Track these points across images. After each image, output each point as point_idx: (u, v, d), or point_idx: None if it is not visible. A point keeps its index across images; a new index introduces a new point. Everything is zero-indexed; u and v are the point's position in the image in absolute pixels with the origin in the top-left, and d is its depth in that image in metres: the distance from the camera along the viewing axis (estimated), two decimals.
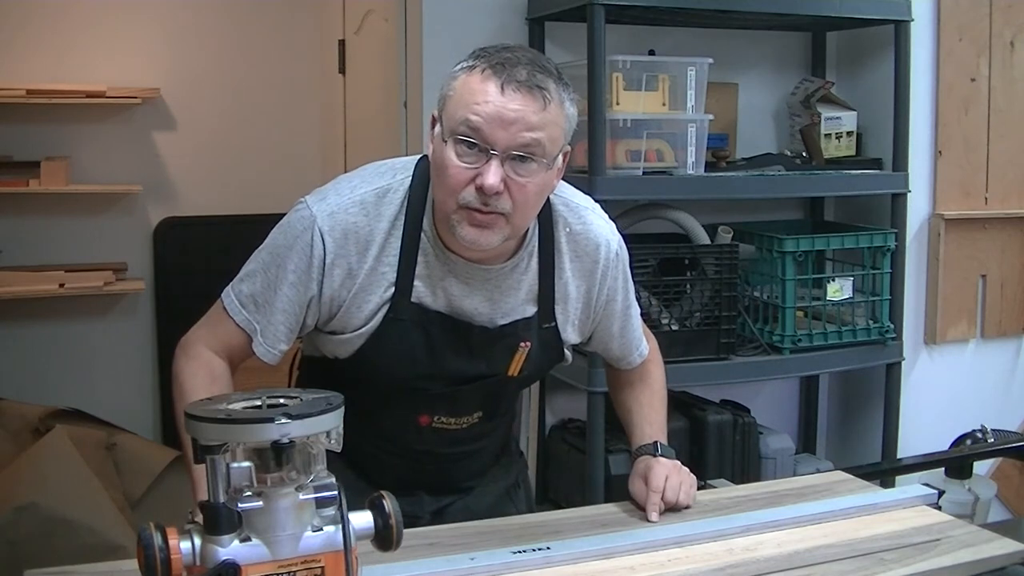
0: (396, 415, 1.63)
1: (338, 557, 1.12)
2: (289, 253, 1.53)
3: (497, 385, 1.64)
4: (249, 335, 1.56)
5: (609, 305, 1.69)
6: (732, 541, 1.50)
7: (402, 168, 1.57)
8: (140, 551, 1.06)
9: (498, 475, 1.81)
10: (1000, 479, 3.16)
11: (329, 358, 1.63)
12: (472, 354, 1.59)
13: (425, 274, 1.54)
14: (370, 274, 1.53)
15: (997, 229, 3.22)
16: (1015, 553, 1.46)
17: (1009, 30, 3.16)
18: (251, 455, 1.10)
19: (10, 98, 3.74)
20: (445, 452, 1.68)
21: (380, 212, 1.53)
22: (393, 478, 1.62)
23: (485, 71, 1.42)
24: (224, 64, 4.22)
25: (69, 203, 4.03)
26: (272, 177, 4.31)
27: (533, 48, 2.75)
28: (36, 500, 2.88)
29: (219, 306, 1.59)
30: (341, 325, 1.56)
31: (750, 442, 2.76)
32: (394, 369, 1.57)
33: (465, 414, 1.65)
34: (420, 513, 1.70)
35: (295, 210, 1.57)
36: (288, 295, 1.53)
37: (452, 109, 1.45)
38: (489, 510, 1.73)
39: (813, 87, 3.03)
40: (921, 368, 3.19)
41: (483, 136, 1.41)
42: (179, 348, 1.62)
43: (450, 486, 1.74)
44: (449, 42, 2.74)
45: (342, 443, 1.17)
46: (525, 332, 1.61)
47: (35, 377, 3.91)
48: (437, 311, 1.56)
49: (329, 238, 1.51)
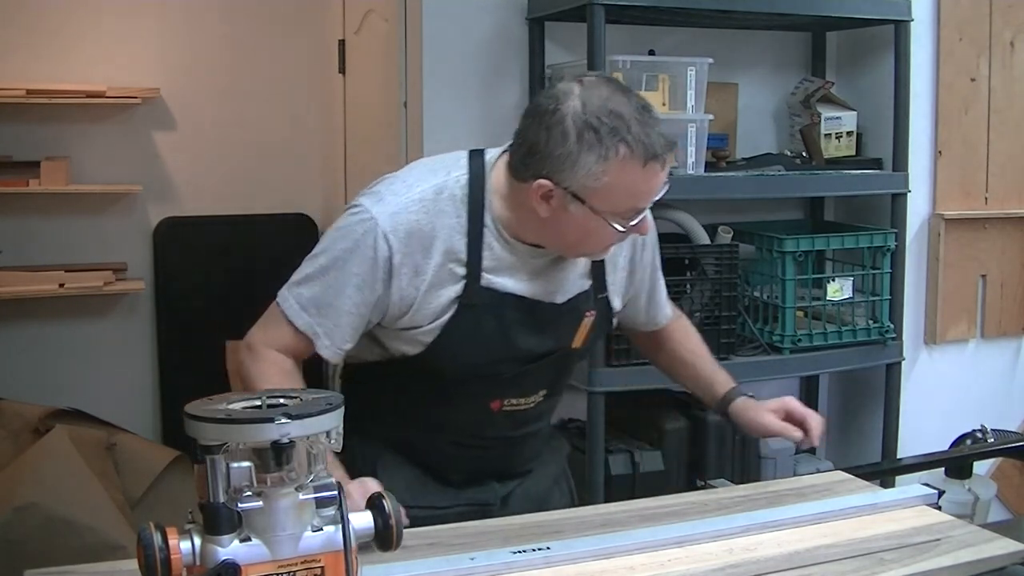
0: (468, 404, 1.67)
1: (338, 557, 1.12)
2: (351, 256, 1.55)
3: (562, 359, 1.70)
4: (310, 338, 1.58)
5: (645, 269, 1.78)
6: (732, 541, 1.50)
7: (454, 165, 1.61)
8: (140, 551, 1.07)
9: (550, 458, 1.88)
10: (1000, 479, 3.16)
11: (382, 363, 1.66)
12: (541, 331, 1.64)
13: (492, 264, 1.59)
14: (438, 270, 1.56)
15: (997, 229, 3.22)
16: (1015, 553, 1.46)
17: (1009, 30, 3.16)
18: (251, 455, 1.10)
19: (10, 98, 3.74)
20: (512, 435, 1.73)
21: (440, 208, 1.56)
22: (463, 470, 1.72)
23: (635, 157, 1.45)
24: (224, 64, 4.22)
25: (69, 203, 4.03)
26: (272, 177, 4.31)
27: (533, 48, 2.77)
28: (36, 500, 2.88)
29: (275, 310, 1.61)
30: (413, 321, 1.59)
31: (750, 442, 2.76)
32: (469, 356, 1.60)
33: (532, 393, 1.70)
34: (492, 500, 1.75)
35: (352, 213, 1.59)
36: (353, 297, 1.56)
37: (613, 199, 1.48)
38: (546, 493, 1.82)
39: (813, 87, 3.03)
40: (921, 368, 3.19)
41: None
42: (243, 351, 1.63)
43: (513, 470, 1.79)
44: (449, 42, 2.74)
45: (341, 443, 1.17)
46: (586, 304, 1.67)
47: (35, 377, 3.91)
48: (507, 293, 1.60)
49: (393, 238, 1.54)
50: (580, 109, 1.45)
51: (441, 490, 1.72)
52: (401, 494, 1.63)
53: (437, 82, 2.75)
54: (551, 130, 1.46)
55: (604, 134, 1.43)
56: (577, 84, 1.48)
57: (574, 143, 1.44)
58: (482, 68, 2.77)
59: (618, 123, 1.44)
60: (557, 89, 1.49)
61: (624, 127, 1.44)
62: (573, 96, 1.46)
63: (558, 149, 1.45)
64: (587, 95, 1.46)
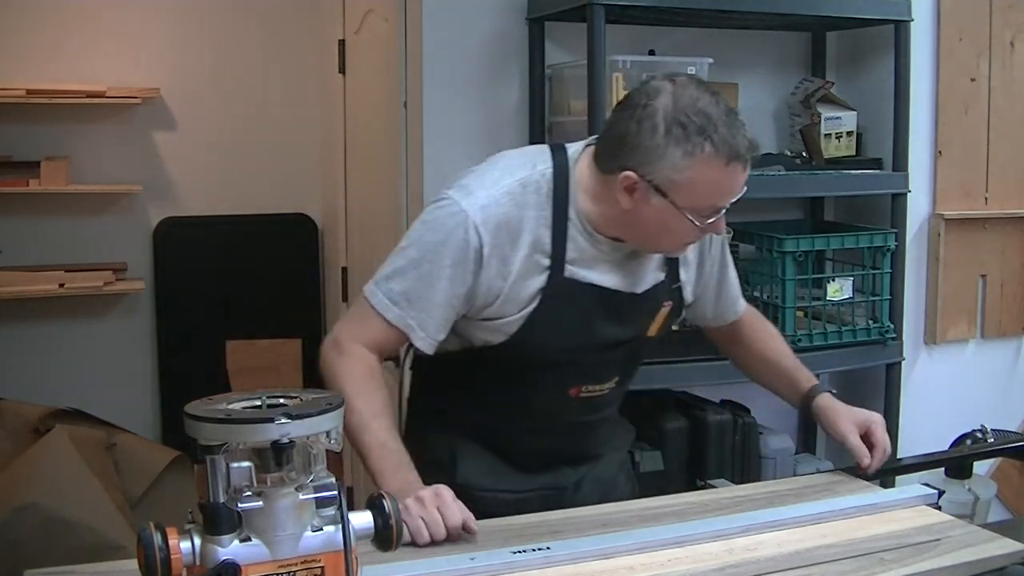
0: (547, 392, 1.71)
1: (338, 557, 1.12)
2: (443, 248, 1.59)
3: (637, 347, 1.75)
4: (402, 331, 1.62)
5: (713, 263, 1.83)
6: (732, 541, 1.50)
7: (539, 159, 1.65)
8: (140, 551, 1.07)
9: (618, 443, 1.93)
10: (1000, 479, 3.16)
11: (460, 353, 1.70)
12: (621, 320, 1.69)
13: (575, 255, 1.63)
14: (524, 261, 1.61)
15: (997, 229, 3.22)
16: (1015, 553, 1.46)
17: (1009, 30, 3.16)
18: (251, 455, 1.10)
19: (10, 98, 3.75)
20: (586, 420, 1.77)
21: (526, 201, 1.61)
22: (538, 455, 1.76)
23: (719, 155, 1.50)
24: (224, 64, 4.22)
25: (69, 203, 4.03)
26: (272, 177, 4.32)
27: (533, 48, 2.77)
28: (36, 500, 2.88)
29: (364, 304, 1.64)
30: (499, 311, 1.63)
31: (750, 442, 2.75)
32: (551, 345, 1.65)
33: (608, 379, 1.74)
34: (565, 484, 1.79)
35: (440, 206, 1.62)
36: (446, 288, 1.60)
37: (695, 195, 1.53)
38: (613, 477, 1.87)
39: (813, 87, 3.03)
40: (921, 368, 3.19)
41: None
42: (329, 346, 1.66)
43: (584, 455, 1.82)
44: (449, 42, 2.74)
45: (341, 443, 1.17)
46: (663, 294, 1.73)
47: (35, 377, 3.91)
48: (589, 284, 1.64)
49: (484, 230, 1.58)
50: (671, 106, 1.51)
51: (518, 475, 1.77)
52: (482, 479, 1.71)
53: (437, 82, 2.75)
54: (641, 123, 1.51)
55: (691, 131, 1.49)
56: (669, 83, 1.54)
57: (662, 137, 1.50)
58: (482, 68, 2.77)
59: (705, 122, 1.49)
60: (650, 86, 1.55)
61: (711, 126, 1.49)
62: (665, 93, 1.52)
63: (646, 142, 1.51)
64: (678, 93, 1.52)
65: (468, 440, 1.75)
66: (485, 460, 1.75)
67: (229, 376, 4.21)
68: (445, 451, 1.75)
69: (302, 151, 4.33)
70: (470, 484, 1.70)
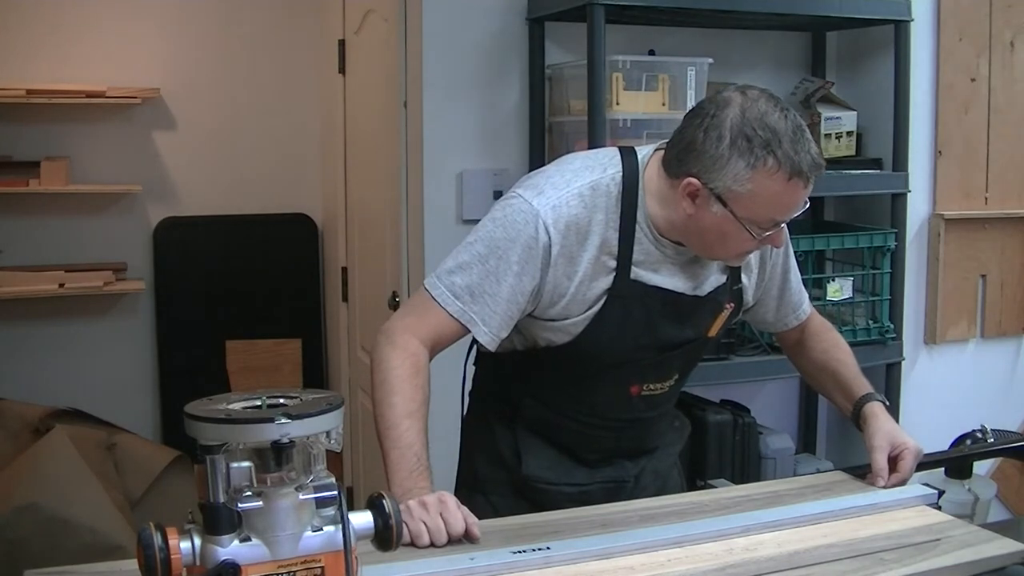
0: (609, 389, 1.74)
1: (338, 557, 1.12)
2: (512, 246, 1.61)
3: (697, 346, 1.78)
4: (463, 324, 1.63)
5: (776, 267, 1.84)
6: (732, 541, 1.50)
7: (609, 163, 1.67)
8: (140, 551, 1.07)
9: (674, 437, 1.95)
10: (1000, 479, 3.16)
11: (523, 351, 1.73)
12: (683, 321, 1.71)
13: (640, 258, 1.66)
14: (592, 263, 1.63)
15: (997, 229, 3.22)
16: (1015, 553, 1.46)
17: (1009, 30, 3.16)
18: (251, 455, 1.10)
19: (10, 98, 3.75)
20: (647, 416, 1.81)
21: (595, 204, 1.63)
22: (598, 449, 1.80)
23: (781, 170, 1.52)
24: (224, 64, 4.22)
25: (69, 203, 4.03)
26: (272, 177, 4.31)
27: (533, 48, 2.77)
28: (36, 500, 2.88)
29: (426, 296, 1.65)
30: (565, 312, 1.65)
31: (750, 442, 2.75)
32: (615, 345, 1.67)
33: (668, 378, 1.78)
34: (626, 477, 1.83)
35: (510, 205, 1.64)
36: (513, 285, 1.61)
37: (754, 207, 1.55)
38: (668, 470, 1.91)
39: (813, 87, 3.03)
40: (921, 368, 3.19)
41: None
42: (382, 336, 1.66)
43: (643, 449, 1.86)
44: (449, 42, 2.74)
45: (341, 443, 1.17)
46: (724, 296, 1.75)
47: (35, 377, 3.92)
48: (653, 286, 1.67)
49: (554, 230, 1.60)
50: (739, 117, 1.53)
51: (580, 469, 1.80)
52: (546, 473, 1.75)
53: (437, 82, 2.75)
54: (708, 132, 1.54)
55: (756, 144, 1.52)
56: (740, 94, 1.56)
57: (727, 147, 1.53)
58: (482, 68, 2.77)
59: (771, 137, 1.52)
60: (720, 96, 1.57)
61: (776, 141, 1.52)
62: (734, 104, 1.55)
63: (711, 150, 1.53)
64: (747, 106, 1.54)
65: (531, 435, 1.78)
66: (548, 455, 1.78)
67: (229, 376, 4.21)
68: (509, 446, 1.79)
69: (302, 151, 4.33)
70: (535, 478, 1.75)
